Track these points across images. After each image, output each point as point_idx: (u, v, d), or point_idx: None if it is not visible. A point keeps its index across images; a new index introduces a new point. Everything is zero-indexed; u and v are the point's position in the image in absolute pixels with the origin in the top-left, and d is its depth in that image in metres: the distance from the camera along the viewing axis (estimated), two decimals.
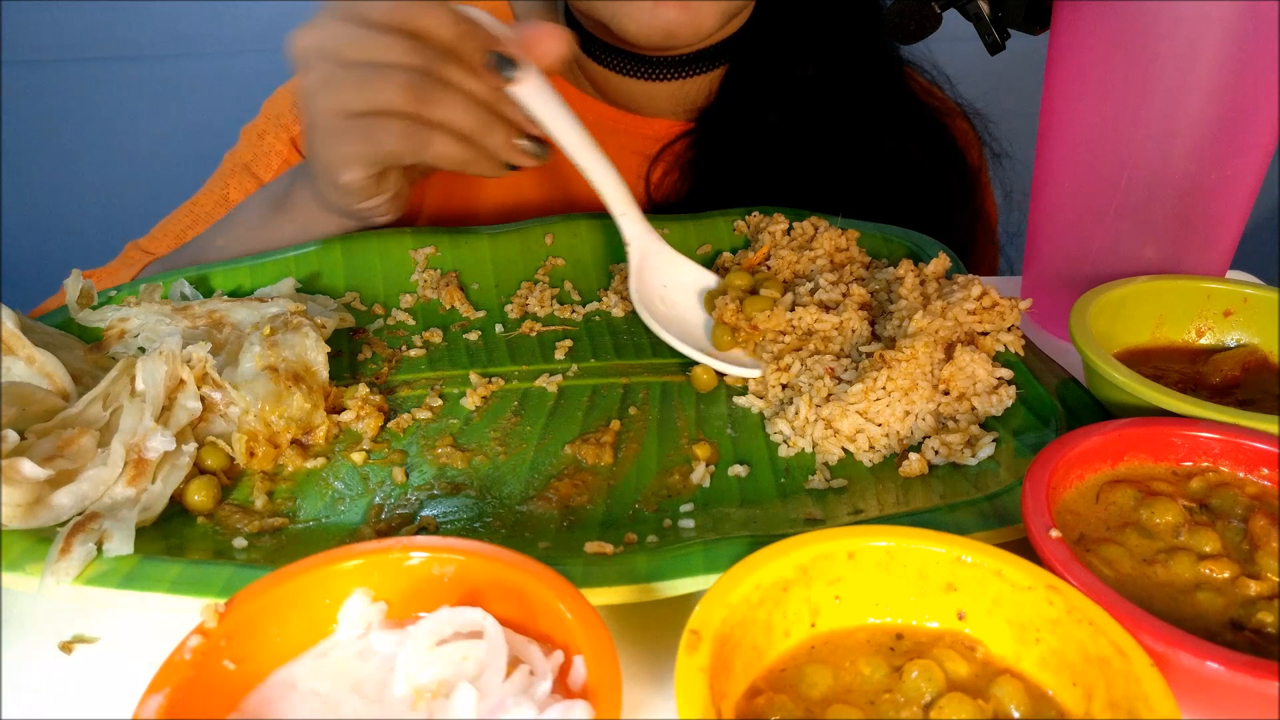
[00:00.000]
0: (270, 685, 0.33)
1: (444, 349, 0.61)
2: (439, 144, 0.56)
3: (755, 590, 0.33)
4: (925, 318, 0.54)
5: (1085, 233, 0.59)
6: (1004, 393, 0.52)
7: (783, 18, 0.82)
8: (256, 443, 0.48)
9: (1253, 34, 0.50)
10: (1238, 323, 0.54)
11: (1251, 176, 0.56)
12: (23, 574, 0.39)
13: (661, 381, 0.58)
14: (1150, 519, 0.39)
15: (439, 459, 0.50)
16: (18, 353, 0.49)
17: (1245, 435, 0.41)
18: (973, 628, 0.35)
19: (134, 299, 0.59)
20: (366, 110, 0.55)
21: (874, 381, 0.51)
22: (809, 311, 0.58)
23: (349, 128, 0.56)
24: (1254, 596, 0.35)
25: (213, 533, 0.44)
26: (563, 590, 0.33)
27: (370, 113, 0.55)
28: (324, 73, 0.55)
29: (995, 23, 0.59)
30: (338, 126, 0.56)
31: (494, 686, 0.31)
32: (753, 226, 0.71)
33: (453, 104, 0.55)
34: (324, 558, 0.35)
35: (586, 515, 0.46)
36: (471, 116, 0.55)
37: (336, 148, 0.57)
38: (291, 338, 0.52)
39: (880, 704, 0.32)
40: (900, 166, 0.82)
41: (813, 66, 0.82)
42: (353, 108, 0.55)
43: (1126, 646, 0.31)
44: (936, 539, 0.35)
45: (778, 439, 0.52)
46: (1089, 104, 0.56)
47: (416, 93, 0.54)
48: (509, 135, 0.57)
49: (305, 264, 0.66)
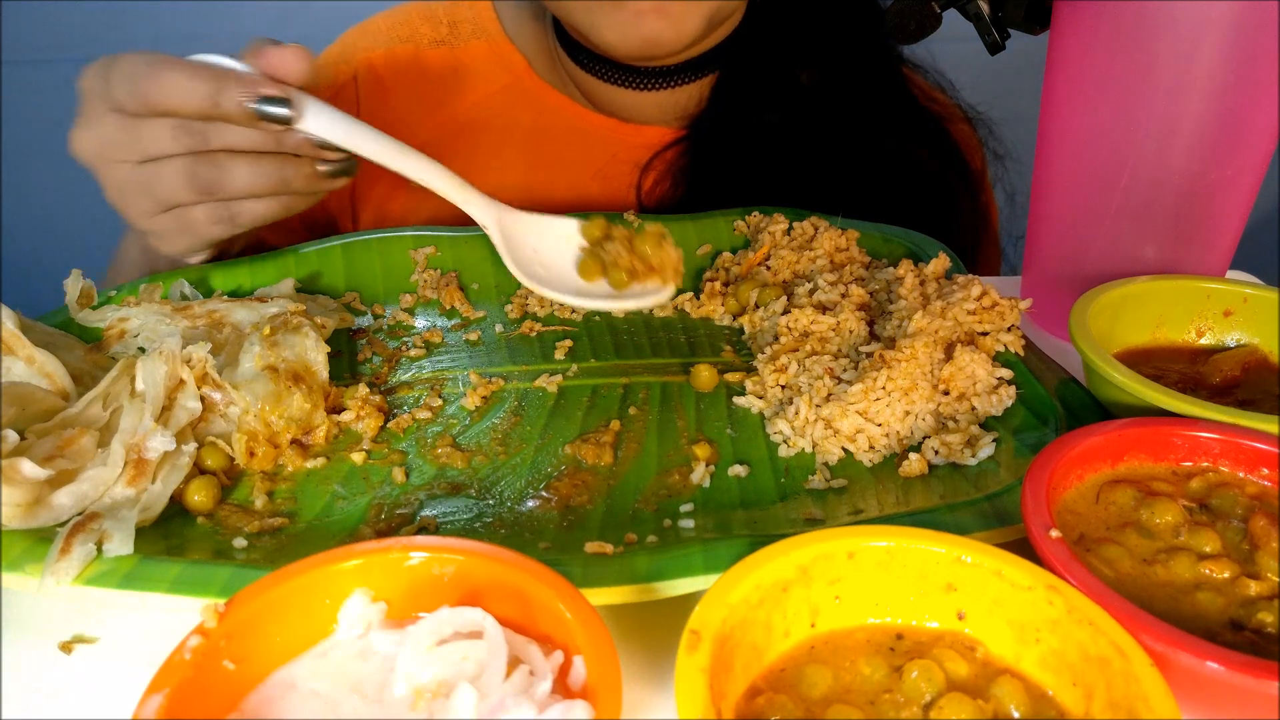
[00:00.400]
0: (270, 685, 0.33)
1: (444, 349, 0.61)
2: (246, 213, 0.56)
3: (755, 590, 0.33)
4: (925, 318, 0.54)
5: (1085, 233, 0.59)
6: (1004, 393, 0.52)
7: (776, 24, 0.81)
8: (256, 443, 0.48)
9: (1252, 34, 0.50)
10: (1238, 323, 0.54)
11: (1251, 176, 0.56)
12: (23, 574, 0.39)
13: (661, 381, 0.58)
14: (1150, 519, 0.39)
15: (439, 459, 0.50)
16: (18, 353, 0.49)
17: (1245, 435, 0.41)
18: (973, 628, 0.35)
19: (134, 299, 0.59)
20: (166, 208, 0.55)
21: (874, 381, 0.51)
22: (805, 313, 0.58)
23: (161, 228, 0.56)
24: (1254, 596, 0.35)
25: (213, 533, 0.44)
26: (563, 590, 0.33)
27: (171, 208, 0.55)
28: (114, 177, 0.55)
29: (995, 23, 0.59)
30: (150, 227, 0.57)
31: (494, 686, 0.31)
32: (753, 226, 0.71)
33: (239, 172, 0.54)
34: (324, 558, 0.35)
35: (586, 515, 0.46)
36: (263, 174, 0.55)
37: (160, 244, 0.58)
38: (291, 338, 0.52)
39: (880, 704, 0.32)
40: (900, 168, 0.82)
41: (808, 73, 0.81)
42: (153, 211, 0.55)
43: (1126, 646, 0.31)
44: (936, 539, 0.35)
45: (778, 439, 0.52)
46: (1089, 104, 0.56)
47: (199, 181, 0.54)
48: (308, 169, 0.56)
49: (305, 264, 0.66)
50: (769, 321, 0.60)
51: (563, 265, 0.60)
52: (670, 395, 0.56)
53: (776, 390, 0.55)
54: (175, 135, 0.53)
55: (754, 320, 0.62)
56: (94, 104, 0.54)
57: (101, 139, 0.54)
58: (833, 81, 0.81)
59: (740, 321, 0.63)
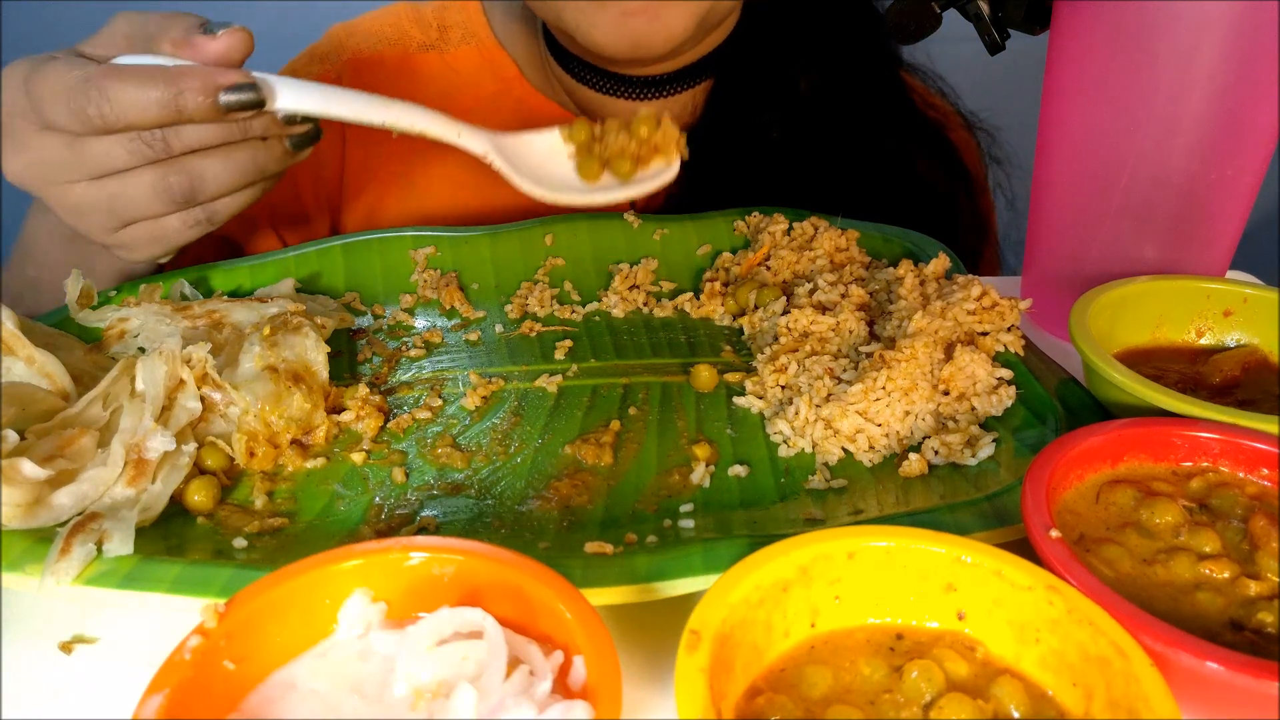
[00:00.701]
0: (270, 685, 0.33)
1: (444, 349, 0.61)
2: (223, 210, 0.54)
3: (755, 590, 0.33)
4: (925, 318, 0.54)
5: (1085, 233, 0.59)
6: (1004, 393, 0.52)
7: (772, 29, 0.81)
8: (256, 443, 0.48)
9: (1253, 34, 0.50)
10: (1238, 323, 0.54)
11: (1251, 176, 0.56)
12: (23, 574, 0.39)
13: (661, 381, 0.58)
14: (1150, 519, 0.39)
15: (439, 459, 0.50)
16: (18, 353, 0.49)
17: (1245, 435, 0.41)
18: (973, 628, 0.35)
19: (134, 299, 0.59)
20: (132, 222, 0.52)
21: (874, 381, 0.51)
22: (805, 314, 0.58)
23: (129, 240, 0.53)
24: (1254, 596, 0.35)
25: (213, 533, 0.44)
26: (563, 590, 0.33)
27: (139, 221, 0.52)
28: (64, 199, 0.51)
29: (995, 23, 0.59)
30: (116, 241, 0.53)
31: (494, 687, 0.31)
32: (753, 227, 0.71)
33: (212, 172, 0.51)
34: (324, 558, 0.35)
35: (586, 515, 0.46)
36: (238, 167, 0.52)
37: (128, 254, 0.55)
38: (291, 338, 0.52)
39: (880, 704, 0.32)
40: (900, 174, 0.82)
41: (806, 80, 0.80)
42: (118, 226, 0.52)
43: (1126, 646, 0.31)
44: (936, 539, 0.35)
45: (778, 439, 0.52)
46: (1089, 104, 0.56)
47: (172, 193, 0.51)
48: (279, 149, 0.53)
49: (305, 264, 0.66)
50: (769, 322, 0.60)
51: (565, 174, 0.59)
52: (670, 395, 0.56)
53: (776, 390, 0.55)
54: (132, 149, 0.49)
55: (754, 321, 0.62)
56: (20, 124, 0.50)
57: (42, 162, 0.50)
58: (831, 86, 0.81)
59: (740, 322, 0.63)
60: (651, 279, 0.68)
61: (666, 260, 0.70)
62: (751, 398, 0.55)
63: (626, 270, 0.68)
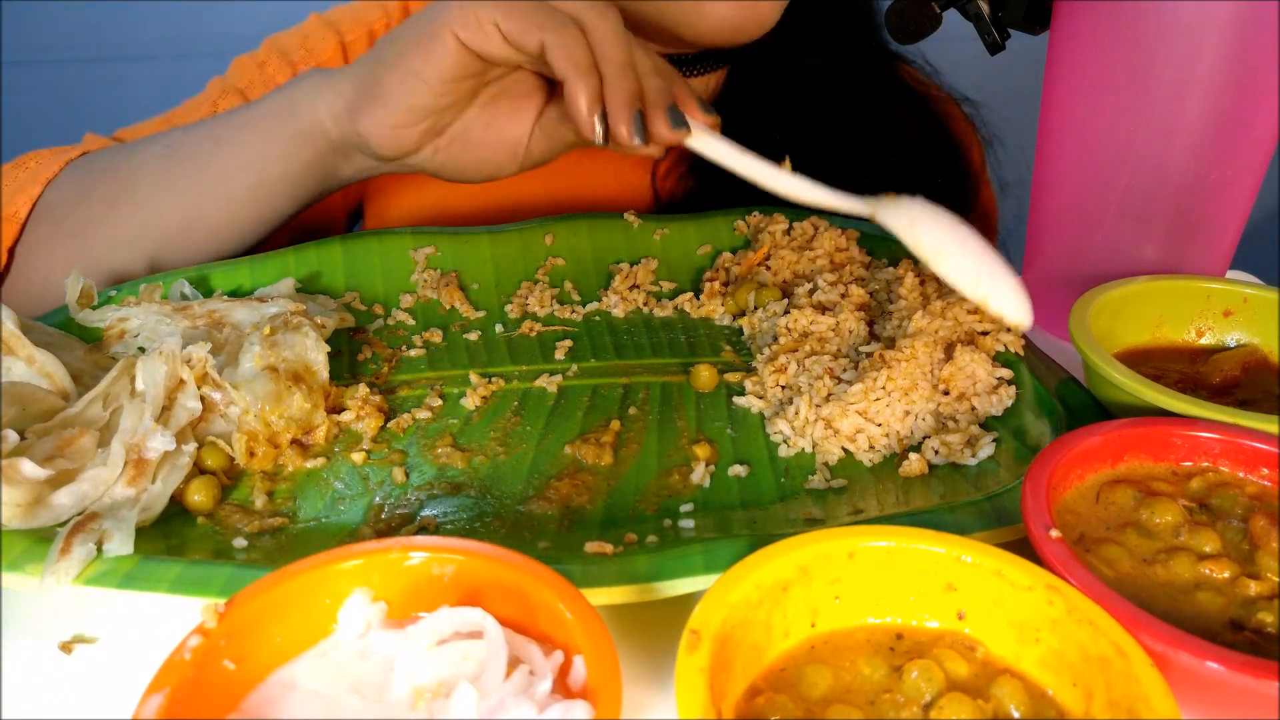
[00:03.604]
0: (270, 685, 0.33)
1: (444, 349, 0.61)
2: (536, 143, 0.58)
3: (755, 590, 0.33)
4: (925, 318, 0.54)
5: (1085, 233, 0.59)
6: (1004, 393, 0.52)
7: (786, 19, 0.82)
8: (256, 443, 0.48)
9: (1253, 34, 0.50)
10: (1238, 323, 0.54)
11: (1251, 176, 0.56)
12: (23, 574, 0.39)
13: (661, 381, 0.58)
14: (1150, 519, 0.39)
15: (439, 459, 0.50)
16: (18, 353, 0.49)
17: (1245, 435, 0.41)
18: (973, 628, 0.35)
19: (134, 299, 0.59)
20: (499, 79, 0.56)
21: (874, 381, 0.51)
22: (804, 314, 0.58)
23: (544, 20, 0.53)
24: (1254, 596, 0.35)
25: (213, 533, 0.44)
26: (563, 590, 0.33)
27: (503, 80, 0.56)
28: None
29: (995, 23, 0.59)
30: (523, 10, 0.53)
31: (494, 686, 0.31)
32: (753, 226, 0.71)
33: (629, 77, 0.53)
34: (324, 558, 0.35)
35: (586, 515, 0.46)
36: (633, 86, 0.54)
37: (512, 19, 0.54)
38: (291, 338, 0.52)
39: (880, 704, 0.32)
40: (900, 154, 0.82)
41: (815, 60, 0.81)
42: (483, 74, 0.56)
43: (1126, 646, 0.31)
44: (936, 539, 0.35)
45: (778, 439, 0.52)
46: (1089, 104, 0.56)
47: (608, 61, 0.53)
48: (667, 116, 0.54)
49: (305, 264, 0.66)
50: (768, 322, 0.60)
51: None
52: (670, 395, 0.56)
53: (776, 390, 0.55)
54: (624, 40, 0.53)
55: (753, 321, 0.62)
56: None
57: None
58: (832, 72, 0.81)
59: (740, 322, 0.63)
60: (652, 279, 0.68)
61: (666, 260, 0.70)
62: (751, 398, 0.55)
63: (627, 270, 0.68)
